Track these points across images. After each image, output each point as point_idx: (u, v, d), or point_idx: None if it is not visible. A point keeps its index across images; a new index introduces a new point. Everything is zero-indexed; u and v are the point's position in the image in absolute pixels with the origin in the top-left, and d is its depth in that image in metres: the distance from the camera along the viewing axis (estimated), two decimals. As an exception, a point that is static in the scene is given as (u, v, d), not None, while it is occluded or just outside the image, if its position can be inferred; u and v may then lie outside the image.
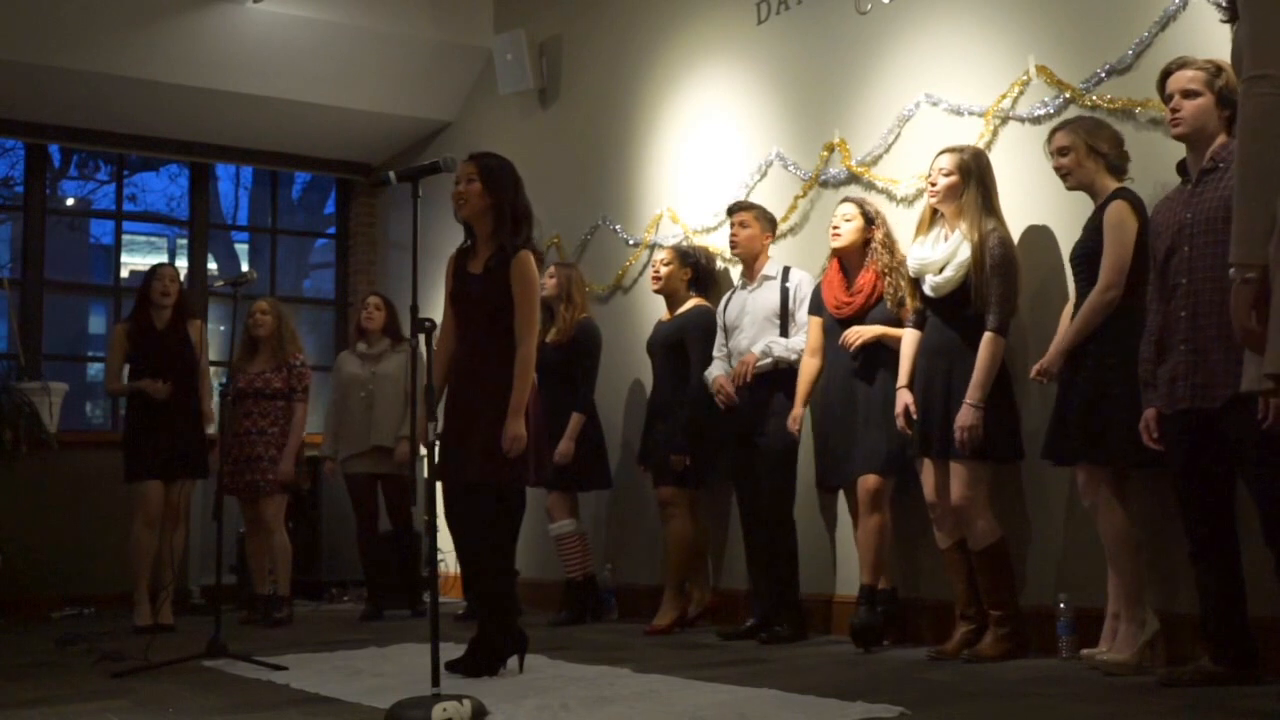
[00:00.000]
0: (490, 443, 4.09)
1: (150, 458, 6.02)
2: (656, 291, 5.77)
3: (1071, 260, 4.05)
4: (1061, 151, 4.00)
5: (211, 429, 6.30)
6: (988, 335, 4.16)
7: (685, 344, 5.54)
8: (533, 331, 4.21)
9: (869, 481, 4.65)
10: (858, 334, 4.67)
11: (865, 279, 4.75)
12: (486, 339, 4.21)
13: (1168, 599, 3.95)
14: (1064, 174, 4.02)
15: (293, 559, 6.49)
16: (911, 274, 4.42)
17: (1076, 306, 3.98)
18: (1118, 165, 3.98)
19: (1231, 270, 2.26)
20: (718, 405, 5.23)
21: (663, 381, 5.70)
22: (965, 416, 4.14)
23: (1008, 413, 4.24)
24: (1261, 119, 2.18)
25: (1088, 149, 3.95)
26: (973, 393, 4.15)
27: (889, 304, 4.68)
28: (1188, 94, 3.49)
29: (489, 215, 4.23)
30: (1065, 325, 4.04)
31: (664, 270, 5.69)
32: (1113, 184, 3.96)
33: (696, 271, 5.72)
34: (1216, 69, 3.47)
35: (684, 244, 5.95)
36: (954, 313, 4.28)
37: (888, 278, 4.69)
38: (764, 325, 5.14)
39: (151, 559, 6.09)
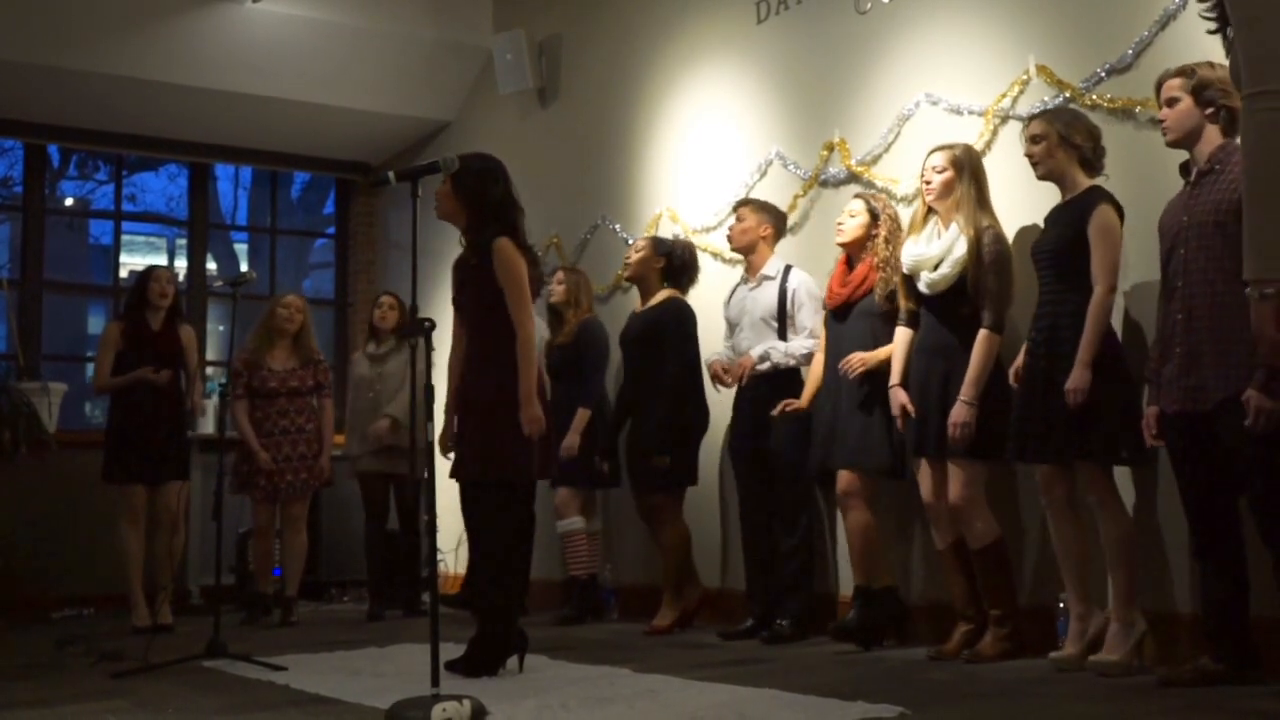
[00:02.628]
0: (486, 439, 4.10)
1: (133, 460, 6.01)
2: (626, 279, 5.75)
3: (1040, 254, 3.99)
4: (1034, 139, 4.00)
5: (206, 429, 6.28)
6: (983, 333, 4.15)
7: (660, 338, 5.47)
8: (526, 313, 4.18)
9: (843, 479, 4.64)
10: (861, 361, 4.58)
11: (859, 272, 4.73)
12: (481, 334, 4.23)
13: (1162, 599, 3.95)
14: (1034, 162, 4.01)
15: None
16: (906, 271, 4.41)
17: (1045, 303, 3.95)
18: (1091, 160, 3.98)
19: (1248, 288, 2.25)
20: (696, 403, 5.30)
21: (634, 376, 5.63)
22: (959, 413, 4.13)
23: (1003, 411, 4.20)
24: (1263, 135, 2.17)
25: (1060, 139, 3.95)
26: (967, 390, 4.14)
27: (878, 296, 4.65)
28: (1169, 102, 3.56)
29: (461, 214, 4.28)
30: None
31: (635, 256, 5.64)
32: (1084, 178, 3.97)
33: (670, 262, 5.61)
34: (1191, 71, 3.52)
35: (664, 236, 5.90)
36: (950, 311, 4.27)
37: (881, 271, 4.67)
38: (761, 327, 5.12)
39: (142, 560, 6.08)
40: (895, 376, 4.43)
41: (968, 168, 4.31)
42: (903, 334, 4.46)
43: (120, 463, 6.04)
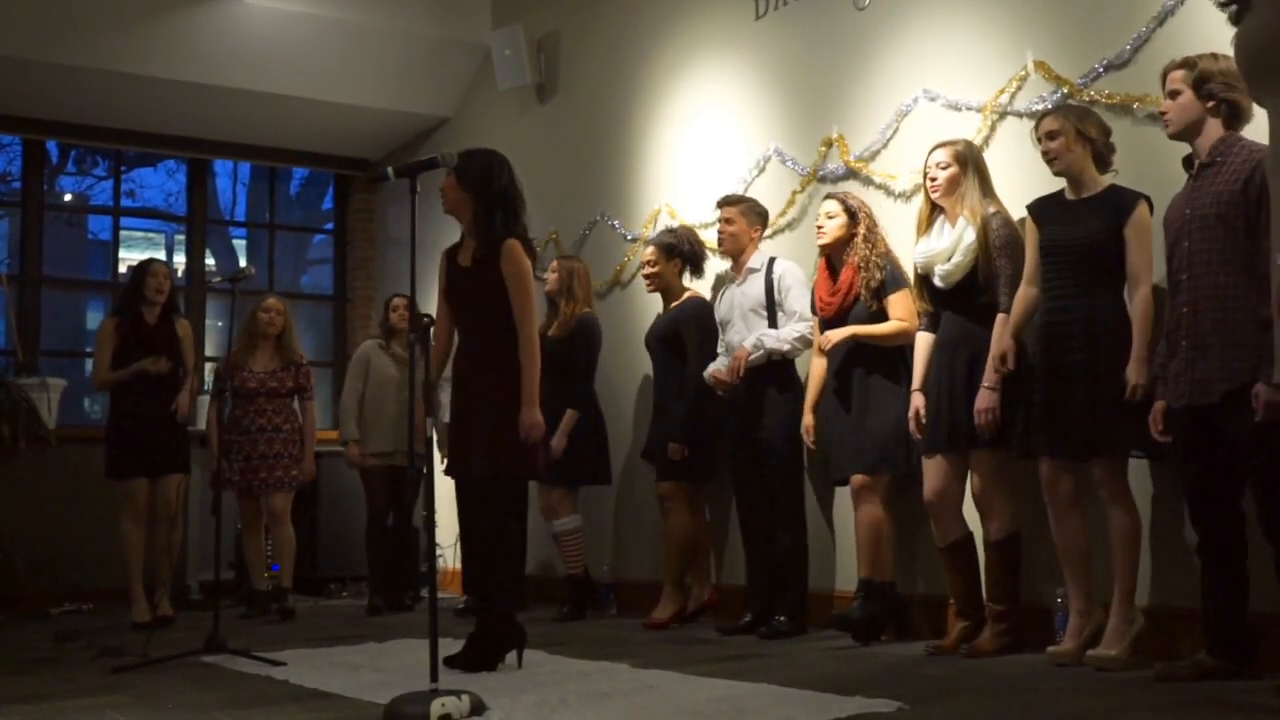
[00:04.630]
0: (495, 437, 4.10)
1: (134, 454, 6.02)
2: (651, 291, 5.77)
3: (1061, 247, 3.93)
4: (1050, 135, 3.97)
5: (199, 425, 6.27)
6: (1000, 316, 4.13)
7: (680, 336, 5.53)
8: (531, 319, 4.20)
9: (856, 480, 4.67)
10: (827, 339, 4.68)
11: (845, 277, 4.75)
12: (483, 333, 4.22)
13: (1161, 594, 3.95)
14: (1051, 159, 3.98)
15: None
16: (919, 270, 4.39)
17: (1061, 295, 3.92)
18: (1104, 155, 3.98)
19: (1277, 256, 2.20)
20: (716, 398, 5.24)
21: (659, 375, 5.72)
22: (982, 399, 4.11)
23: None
24: None
25: (1077, 134, 3.94)
26: (988, 375, 4.12)
27: (863, 297, 4.67)
28: (1171, 94, 3.56)
29: (467, 208, 4.26)
30: (1019, 318, 4.03)
31: (651, 270, 5.67)
32: (1097, 173, 3.96)
33: (685, 259, 5.67)
34: (1193, 63, 3.51)
35: (665, 235, 5.83)
36: (967, 304, 4.26)
37: (862, 271, 4.68)
38: (752, 319, 5.14)
39: (143, 554, 6.09)
40: (916, 381, 4.42)
41: (970, 161, 4.32)
42: (923, 339, 4.43)
43: (122, 458, 6.04)
